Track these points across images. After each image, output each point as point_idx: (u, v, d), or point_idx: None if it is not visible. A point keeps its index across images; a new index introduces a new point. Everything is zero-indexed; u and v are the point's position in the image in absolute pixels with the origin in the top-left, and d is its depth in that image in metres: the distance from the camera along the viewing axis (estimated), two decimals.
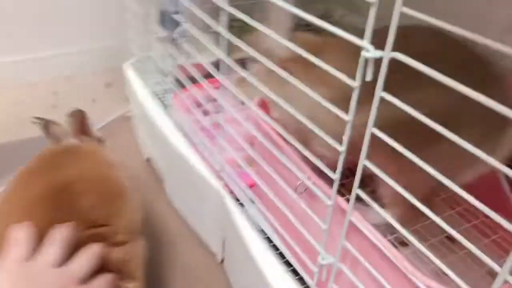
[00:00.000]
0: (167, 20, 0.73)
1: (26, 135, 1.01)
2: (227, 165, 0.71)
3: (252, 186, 0.71)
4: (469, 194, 0.31)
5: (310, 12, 0.53)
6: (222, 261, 0.80)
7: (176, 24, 0.72)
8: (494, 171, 0.61)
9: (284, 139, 0.52)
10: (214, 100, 1.00)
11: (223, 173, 0.72)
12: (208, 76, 0.77)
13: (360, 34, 0.34)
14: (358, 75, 0.35)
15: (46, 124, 0.72)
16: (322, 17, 1.04)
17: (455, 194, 0.31)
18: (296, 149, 0.49)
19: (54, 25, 1.33)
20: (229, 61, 0.59)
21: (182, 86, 0.89)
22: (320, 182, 0.49)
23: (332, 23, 0.36)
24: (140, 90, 1.00)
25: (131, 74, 1.07)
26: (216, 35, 0.58)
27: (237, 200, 0.69)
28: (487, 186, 0.53)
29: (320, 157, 0.46)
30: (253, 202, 0.66)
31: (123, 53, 1.38)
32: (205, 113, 0.95)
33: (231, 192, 0.70)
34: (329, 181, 0.44)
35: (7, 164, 0.91)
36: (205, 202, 0.77)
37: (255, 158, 0.61)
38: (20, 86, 1.32)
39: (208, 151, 0.76)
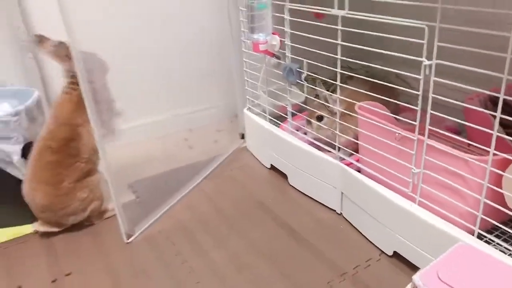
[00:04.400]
0: (292, 73, 1.24)
1: (172, 166, 1.57)
2: (343, 151, 1.18)
3: (357, 160, 1.18)
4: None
5: (355, 67, 1.07)
6: (340, 213, 1.24)
7: (299, 75, 1.23)
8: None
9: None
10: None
11: (338, 156, 1.19)
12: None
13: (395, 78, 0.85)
14: (423, 69, 0.84)
15: (40, 39, 1.14)
16: (365, 70, 1.48)
17: None
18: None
19: (179, 92, 1.86)
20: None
21: (282, 119, 1.41)
22: (407, 133, 0.95)
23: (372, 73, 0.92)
24: (261, 121, 1.51)
25: (250, 115, 1.58)
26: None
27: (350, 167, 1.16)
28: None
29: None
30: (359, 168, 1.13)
31: (224, 110, 1.92)
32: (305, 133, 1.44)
33: (348, 164, 1.17)
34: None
35: (163, 188, 1.40)
36: (325, 175, 1.23)
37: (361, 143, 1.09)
38: (160, 136, 1.83)
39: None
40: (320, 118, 1.27)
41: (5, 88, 1.40)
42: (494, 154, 0.79)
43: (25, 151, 1.24)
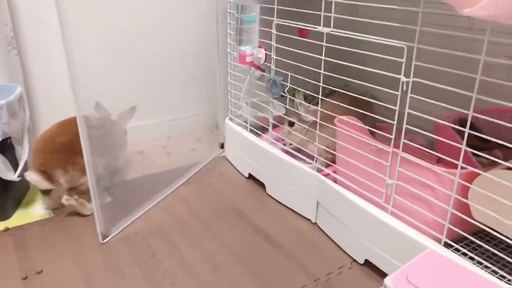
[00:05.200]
0: (276, 85, 1.28)
1: (149, 171, 1.57)
2: (320, 162, 1.22)
3: (334, 171, 1.22)
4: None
5: (334, 83, 1.12)
6: (315, 223, 1.27)
7: (283, 87, 1.27)
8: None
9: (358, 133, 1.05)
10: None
11: (316, 167, 1.23)
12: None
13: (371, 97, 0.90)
14: (400, 86, 0.89)
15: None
16: (343, 86, 1.55)
17: None
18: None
19: (161, 100, 1.86)
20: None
21: (263, 130, 1.44)
22: (383, 145, 1.00)
23: (349, 90, 0.97)
24: (242, 131, 1.54)
25: (232, 124, 1.61)
26: None
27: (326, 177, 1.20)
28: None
29: None
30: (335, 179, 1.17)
31: (205, 120, 1.93)
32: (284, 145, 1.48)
33: (325, 175, 1.21)
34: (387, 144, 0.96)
35: (140, 192, 1.42)
36: (302, 185, 1.27)
37: (338, 154, 1.13)
38: (138, 142, 1.82)
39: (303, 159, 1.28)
40: (291, 124, 1.32)
41: None
42: (462, 168, 0.85)
43: (3, 146, 1.21)
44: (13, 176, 1.23)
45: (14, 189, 1.32)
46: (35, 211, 1.34)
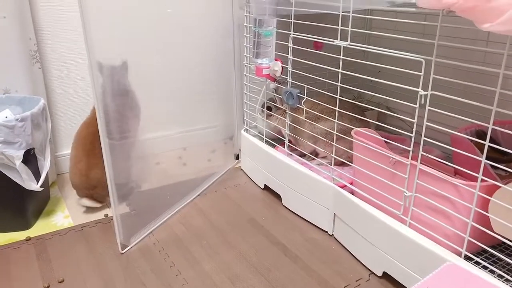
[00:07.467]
0: (292, 97, 1.30)
1: (166, 182, 1.59)
2: (337, 175, 1.23)
3: (351, 183, 1.22)
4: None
5: (347, 95, 1.14)
6: (332, 234, 1.28)
7: (299, 99, 1.29)
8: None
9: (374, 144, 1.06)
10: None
11: (334, 179, 1.23)
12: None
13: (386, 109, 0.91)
14: (418, 99, 0.90)
15: None
16: (355, 98, 1.58)
17: None
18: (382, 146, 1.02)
19: (178, 111, 1.90)
20: None
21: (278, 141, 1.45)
22: (401, 158, 1.00)
23: (363, 101, 1.03)
24: (258, 142, 1.55)
25: (247, 135, 1.63)
26: None
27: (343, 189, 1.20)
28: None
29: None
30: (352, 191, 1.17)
31: (220, 131, 1.96)
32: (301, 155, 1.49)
33: (342, 187, 1.21)
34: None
35: (158, 203, 1.44)
36: (318, 196, 1.27)
37: (356, 166, 1.14)
38: (154, 153, 1.85)
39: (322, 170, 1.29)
40: (269, 108, 1.49)
41: (10, 95, 1.41)
42: (482, 180, 0.85)
43: (26, 157, 1.25)
44: (35, 186, 1.26)
45: (35, 198, 1.35)
46: (56, 220, 1.36)
